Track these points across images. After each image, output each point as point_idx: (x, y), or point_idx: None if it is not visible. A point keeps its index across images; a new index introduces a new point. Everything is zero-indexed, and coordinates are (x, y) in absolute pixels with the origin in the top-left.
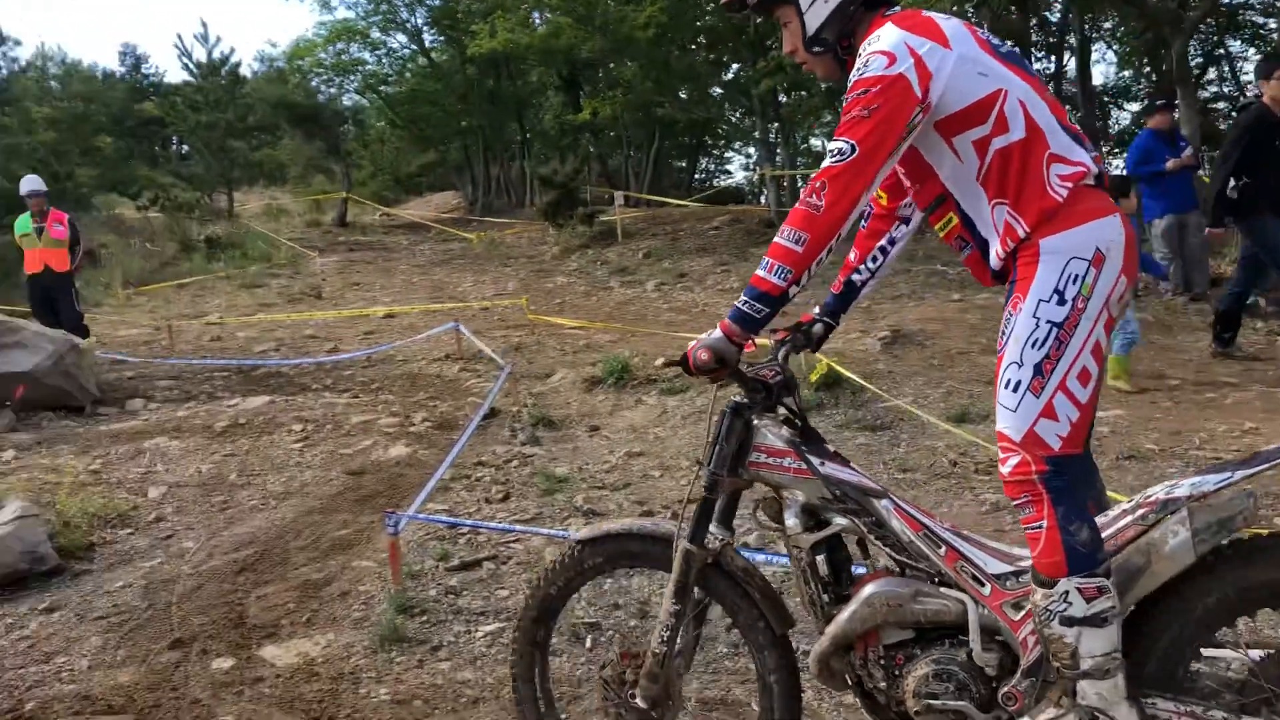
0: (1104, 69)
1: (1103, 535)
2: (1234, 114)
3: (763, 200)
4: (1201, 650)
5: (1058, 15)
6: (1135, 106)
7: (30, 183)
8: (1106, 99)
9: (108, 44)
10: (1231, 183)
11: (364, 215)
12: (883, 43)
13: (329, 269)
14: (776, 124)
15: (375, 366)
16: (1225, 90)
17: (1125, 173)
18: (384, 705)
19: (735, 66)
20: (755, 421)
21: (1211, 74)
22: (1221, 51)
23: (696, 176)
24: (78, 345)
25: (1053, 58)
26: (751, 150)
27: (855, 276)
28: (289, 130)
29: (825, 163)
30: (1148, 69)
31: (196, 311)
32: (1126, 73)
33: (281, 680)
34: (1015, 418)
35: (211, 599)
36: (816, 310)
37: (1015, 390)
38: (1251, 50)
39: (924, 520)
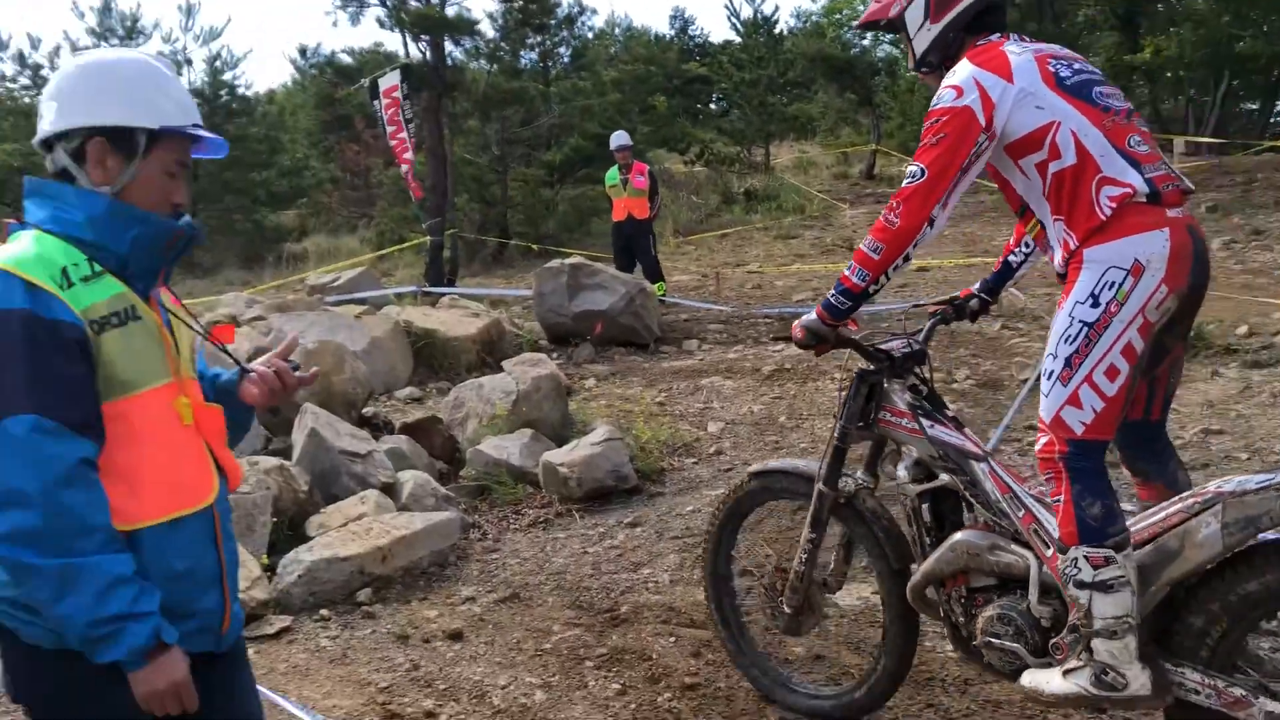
0: None
1: (1154, 519)
2: None
3: None
4: (1258, 633)
5: None
6: None
7: (619, 138)
8: None
9: (660, 9)
10: None
11: (889, 167)
12: (955, 77)
13: (858, 220)
14: None
15: (911, 320)
16: None
17: None
18: (950, 661)
19: None
20: (885, 385)
21: None
22: None
23: (1273, 120)
24: (646, 288)
25: None
26: None
27: (1012, 258)
28: (823, 84)
29: (902, 184)
30: None
31: (738, 260)
32: None
33: (846, 621)
34: (1047, 402)
35: (771, 534)
36: (976, 286)
37: (1049, 379)
38: None
39: (1013, 485)
